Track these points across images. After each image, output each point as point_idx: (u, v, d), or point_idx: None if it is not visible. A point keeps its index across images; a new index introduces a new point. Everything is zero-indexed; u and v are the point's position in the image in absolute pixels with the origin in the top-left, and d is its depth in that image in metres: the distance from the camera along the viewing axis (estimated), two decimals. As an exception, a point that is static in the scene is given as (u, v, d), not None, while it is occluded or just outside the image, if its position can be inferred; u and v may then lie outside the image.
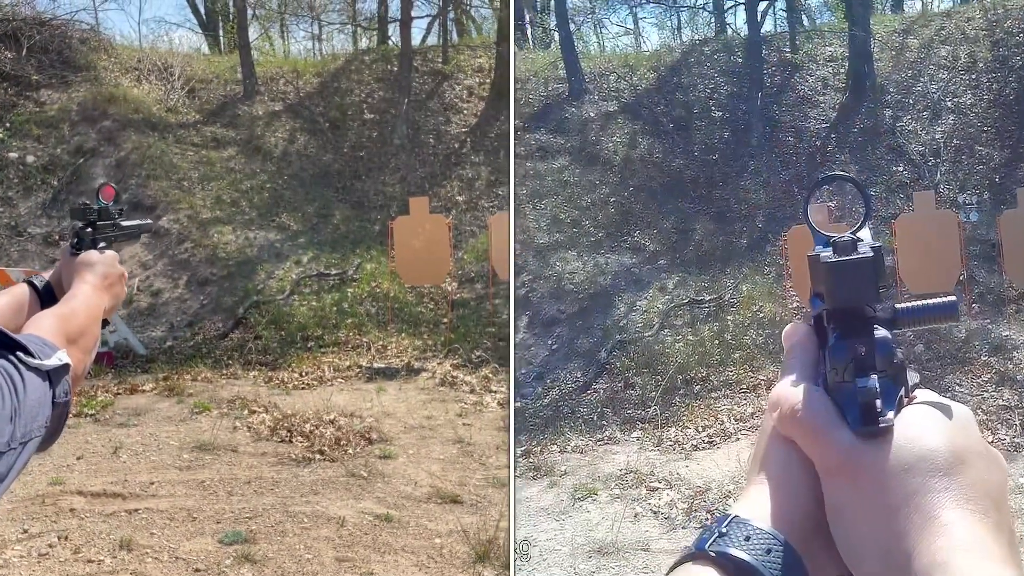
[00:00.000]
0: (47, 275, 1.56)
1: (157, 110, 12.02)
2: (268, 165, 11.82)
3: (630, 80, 12.28)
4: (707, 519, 5.82)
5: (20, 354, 1.00)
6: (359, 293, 10.12)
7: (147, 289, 10.07)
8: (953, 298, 0.65)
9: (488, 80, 13.09)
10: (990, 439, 6.05)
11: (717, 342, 8.86)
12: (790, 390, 0.64)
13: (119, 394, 7.90)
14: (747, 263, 9.83)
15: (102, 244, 1.62)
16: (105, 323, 1.50)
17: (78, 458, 6.16)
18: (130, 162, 11.04)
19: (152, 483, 5.78)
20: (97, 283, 1.49)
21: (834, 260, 0.62)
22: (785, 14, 13.64)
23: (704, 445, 7.30)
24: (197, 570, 4.63)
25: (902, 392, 0.61)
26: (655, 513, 6.09)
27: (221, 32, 15.67)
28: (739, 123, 11.56)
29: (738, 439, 7.31)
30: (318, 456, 6.35)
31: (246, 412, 7.28)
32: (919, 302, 0.65)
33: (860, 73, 11.24)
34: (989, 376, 7.72)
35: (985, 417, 7.09)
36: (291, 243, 10.85)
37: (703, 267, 9.88)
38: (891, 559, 0.55)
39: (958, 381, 7.68)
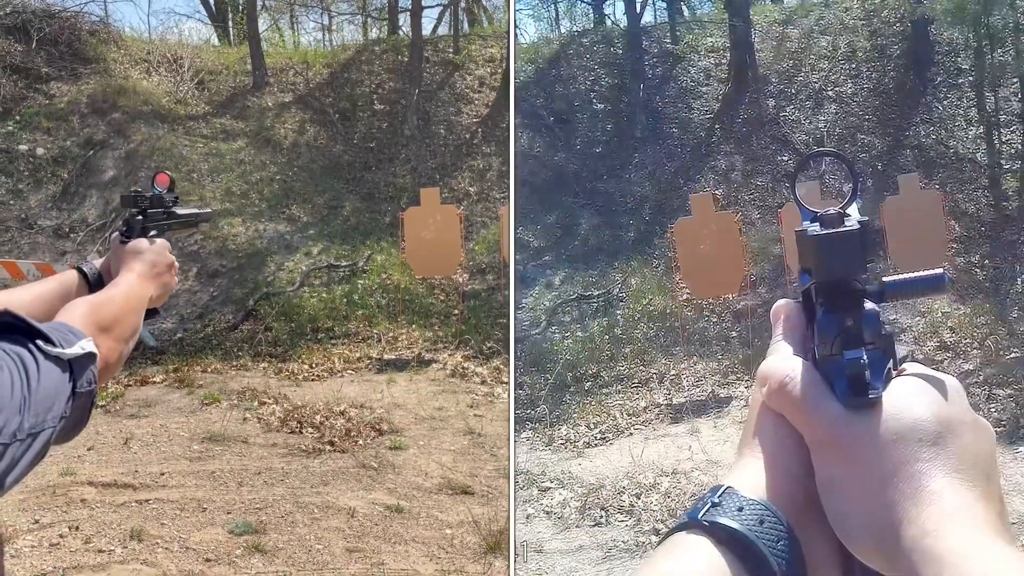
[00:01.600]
0: (98, 263, 1.55)
1: (167, 102, 12.00)
2: (278, 157, 11.79)
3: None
4: (601, 517, 5.74)
5: (40, 342, 0.98)
6: (369, 284, 10.09)
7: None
8: (940, 271, 0.65)
9: (499, 70, 13.00)
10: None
11: (607, 337, 8.75)
12: (778, 364, 0.64)
13: (129, 385, 7.90)
14: (635, 256, 9.74)
15: (153, 232, 1.59)
16: (155, 312, 1.50)
17: (89, 449, 6.16)
18: (139, 154, 11.04)
19: (162, 474, 5.77)
20: (144, 272, 1.48)
21: (821, 233, 0.62)
22: (665, 4, 13.54)
23: (596, 442, 7.18)
24: (207, 560, 4.61)
25: (890, 364, 0.61)
26: (548, 513, 5.97)
27: (230, 23, 15.65)
28: (622, 115, 11.43)
29: (631, 434, 7.20)
30: (328, 447, 6.33)
31: (256, 403, 7.27)
32: (907, 275, 0.66)
33: (742, 63, 11.22)
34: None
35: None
36: (301, 235, 10.82)
37: (590, 262, 9.77)
38: (881, 528, 0.55)
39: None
